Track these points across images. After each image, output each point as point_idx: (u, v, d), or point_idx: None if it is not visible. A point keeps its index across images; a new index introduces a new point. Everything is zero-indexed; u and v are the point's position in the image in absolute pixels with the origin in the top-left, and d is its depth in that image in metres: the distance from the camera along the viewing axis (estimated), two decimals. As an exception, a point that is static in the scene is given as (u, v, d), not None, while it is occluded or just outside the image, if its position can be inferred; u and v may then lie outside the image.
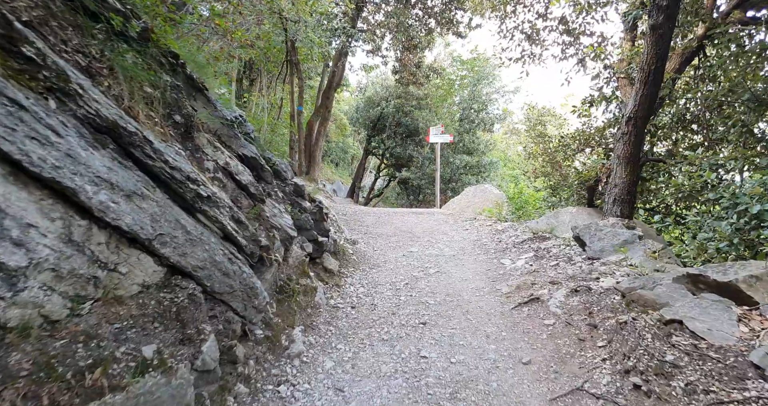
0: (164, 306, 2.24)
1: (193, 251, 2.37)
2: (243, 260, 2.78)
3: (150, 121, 2.55)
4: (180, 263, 2.31)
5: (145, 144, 2.20)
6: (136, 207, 2.07)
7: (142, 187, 2.14)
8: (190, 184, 2.41)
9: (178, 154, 2.52)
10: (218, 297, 2.55)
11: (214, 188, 2.72)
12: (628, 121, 4.88)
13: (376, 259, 5.60)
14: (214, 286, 2.49)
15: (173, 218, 2.29)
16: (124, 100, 2.33)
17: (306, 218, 4.25)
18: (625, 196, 4.94)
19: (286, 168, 4.26)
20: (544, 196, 8.78)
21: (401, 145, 17.52)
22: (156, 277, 2.27)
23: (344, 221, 7.84)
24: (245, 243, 2.84)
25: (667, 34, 4.59)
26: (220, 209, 2.67)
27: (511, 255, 5.48)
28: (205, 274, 2.43)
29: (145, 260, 2.20)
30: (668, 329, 2.38)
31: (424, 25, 12.33)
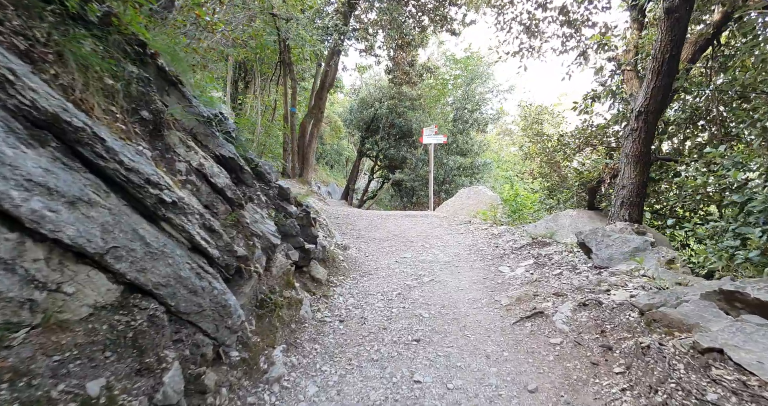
0: (118, 331, 1.92)
1: (154, 266, 2.06)
2: (215, 274, 2.46)
3: (109, 116, 2.24)
4: (138, 279, 1.99)
5: (95, 142, 1.88)
6: (82, 216, 1.76)
7: (90, 192, 1.82)
8: (150, 188, 2.09)
9: (139, 153, 2.21)
10: (185, 318, 2.23)
11: (181, 193, 2.41)
12: (638, 116, 4.62)
13: (368, 265, 5.30)
14: (179, 305, 2.17)
15: (130, 228, 1.98)
16: (75, 91, 2.01)
17: (292, 223, 3.94)
18: (635, 198, 4.68)
19: (270, 170, 3.95)
20: (541, 198, 8.54)
21: (395, 147, 17.26)
22: (110, 296, 1.95)
23: (336, 225, 7.53)
24: (218, 255, 2.53)
25: (684, 18, 4.32)
26: (188, 216, 2.36)
27: (509, 262, 5.20)
28: (168, 292, 2.12)
29: (97, 277, 1.89)
30: (706, 359, 2.09)
31: (417, 22, 12.07)
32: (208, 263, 2.48)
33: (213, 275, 2.45)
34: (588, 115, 6.67)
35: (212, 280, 2.41)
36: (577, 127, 7.18)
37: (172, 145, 2.79)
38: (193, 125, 3.16)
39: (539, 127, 7.94)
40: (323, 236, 5.70)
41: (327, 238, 5.79)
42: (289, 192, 4.02)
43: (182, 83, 3.22)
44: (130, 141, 2.30)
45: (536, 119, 8.07)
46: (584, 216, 6.50)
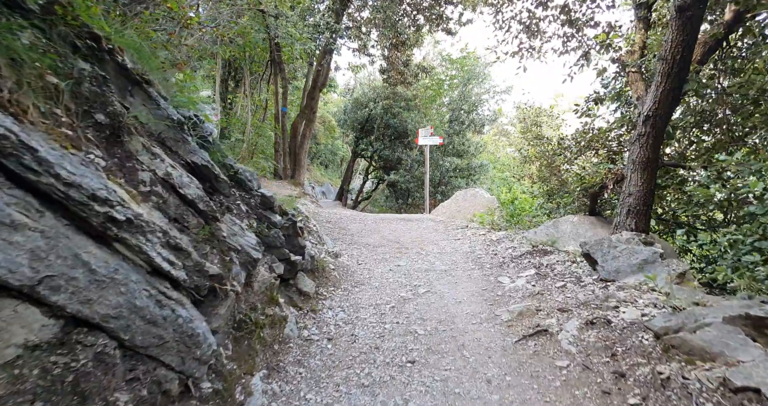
0: (53, 375, 1.62)
1: (102, 296, 1.76)
2: (180, 299, 2.17)
3: (50, 120, 1.93)
4: (82, 312, 1.70)
5: (23, 152, 1.58)
6: (2, 241, 1.46)
7: (14, 212, 1.52)
8: (96, 205, 1.79)
9: (86, 164, 1.91)
10: (143, 352, 1.94)
11: (139, 209, 2.11)
12: (646, 121, 4.35)
13: (360, 275, 5.02)
14: (134, 339, 1.87)
15: (70, 253, 1.68)
16: (2, 90, 1.71)
17: (276, 234, 3.65)
18: (641, 207, 4.42)
19: (252, 177, 3.65)
20: (540, 203, 8.28)
21: (390, 148, 16.98)
22: (46, 333, 1.65)
23: (328, 230, 7.24)
24: (184, 277, 2.23)
25: (697, 17, 4.06)
26: (147, 235, 2.06)
27: (509, 271, 4.93)
28: (121, 324, 1.82)
29: (28, 312, 1.59)
30: (740, 400, 1.83)
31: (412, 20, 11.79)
32: (172, 287, 2.18)
33: (177, 300, 2.15)
34: (590, 118, 6.42)
35: (176, 307, 2.11)
36: (578, 130, 6.92)
37: (134, 153, 2.49)
38: (161, 130, 2.86)
39: (538, 129, 7.68)
40: (313, 243, 5.42)
41: (317, 245, 5.50)
42: (272, 200, 3.72)
43: (149, 83, 2.91)
44: (78, 149, 2.00)
45: (535, 122, 7.81)
46: (585, 222, 6.24)
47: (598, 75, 6.46)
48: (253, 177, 3.67)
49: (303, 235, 4.18)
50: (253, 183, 3.63)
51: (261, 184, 3.76)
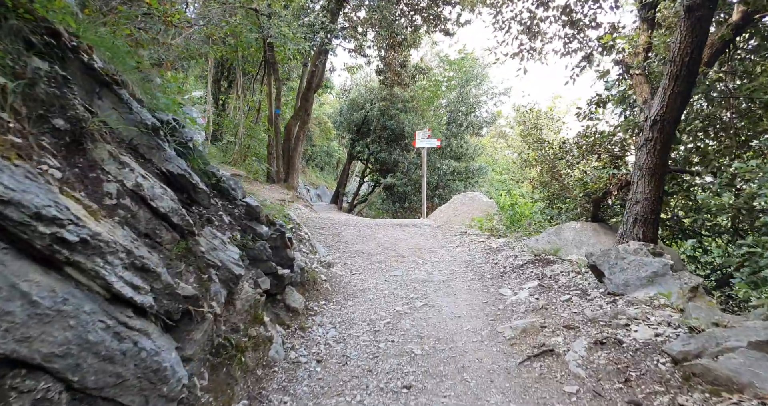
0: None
1: (45, 332, 1.51)
2: (144, 329, 1.91)
3: (-7, 126, 1.69)
4: (19, 352, 1.45)
5: (-56, 166, 1.33)
6: None
7: (-70, 239, 1.27)
8: (41, 225, 1.55)
9: (32, 177, 1.66)
10: (96, 394, 1.68)
11: (98, 227, 1.86)
12: (653, 125, 4.14)
13: (354, 286, 4.77)
14: (86, 379, 1.62)
15: (5, 283, 1.43)
16: (-73, 93, 1.46)
17: (261, 247, 3.40)
18: (649, 215, 4.20)
19: (235, 185, 3.41)
20: (540, 207, 8.06)
21: (386, 150, 16.74)
22: (-27, 379, 1.40)
23: (321, 237, 7.00)
24: (150, 303, 1.98)
25: (706, 17, 3.86)
26: (106, 257, 1.81)
27: (510, 283, 4.69)
28: (68, 364, 1.57)
29: (-52, 355, 1.34)
30: None
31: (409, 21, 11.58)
32: (136, 315, 1.93)
33: (142, 330, 1.90)
34: (592, 122, 6.21)
35: (140, 338, 1.86)
36: (579, 134, 6.71)
37: (98, 162, 2.24)
38: (133, 136, 2.61)
39: (538, 132, 7.47)
40: (304, 253, 5.18)
41: (309, 254, 5.26)
42: (258, 210, 3.47)
43: (120, 84, 2.67)
44: (26, 159, 1.75)
45: (535, 124, 7.59)
46: (588, 229, 6.02)
47: (599, 77, 6.26)
48: (237, 185, 3.42)
49: (292, 246, 3.93)
50: (237, 192, 3.39)
51: (246, 193, 3.51)
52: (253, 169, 12.84)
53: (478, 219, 9.43)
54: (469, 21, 11.38)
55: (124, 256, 1.95)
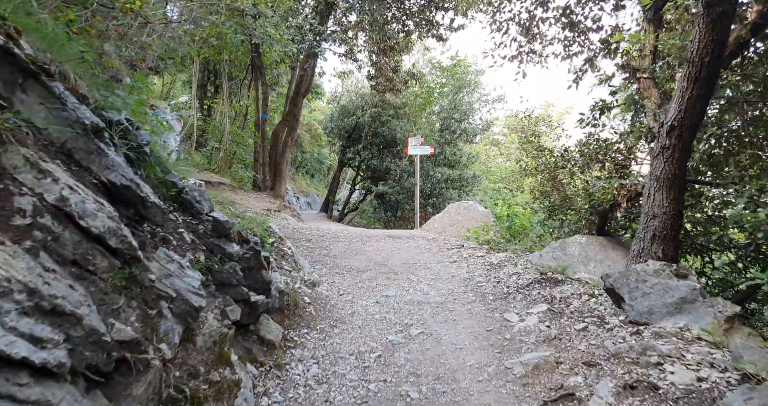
0: None
1: None
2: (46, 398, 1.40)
3: None
4: None
5: None
6: None
7: None
8: None
9: None
10: None
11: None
12: (671, 132, 3.74)
13: (341, 309, 4.27)
14: None
15: None
16: None
17: (231, 269, 2.89)
18: (669, 231, 3.78)
19: (201, 197, 2.91)
20: (540, 219, 7.64)
21: (378, 157, 16.29)
22: None
23: (307, 251, 6.49)
24: (58, 360, 1.47)
25: (728, 13, 3.49)
26: (-14, 303, 1.30)
27: (516, 306, 4.22)
28: None
29: None
30: None
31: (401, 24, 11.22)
32: (36, 379, 1.42)
33: (42, 402, 1.38)
34: (595, 129, 5.83)
35: (37, 414, 1.35)
36: (581, 142, 6.32)
37: (8, 170, 1.74)
38: (67, 138, 2.11)
39: (537, 140, 7.08)
40: (287, 270, 4.67)
41: (292, 272, 4.74)
42: (228, 226, 2.97)
43: (53, 75, 2.17)
44: None
45: (533, 132, 7.20)
46: (595, 243, 5.60)
47: (603, 81, 5.88)
48: (203, 197, 2.92)
49: (269, 266, 3.43)
50: (202, 205, 2.88)
51: (214, 205, 3.01)
52: (239, 177, 12.30)
53: (474, 230, 9.00)
54: (463, 26, 11.05)
55: (23, 297, 1.44)
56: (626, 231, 6.18)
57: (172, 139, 5.12)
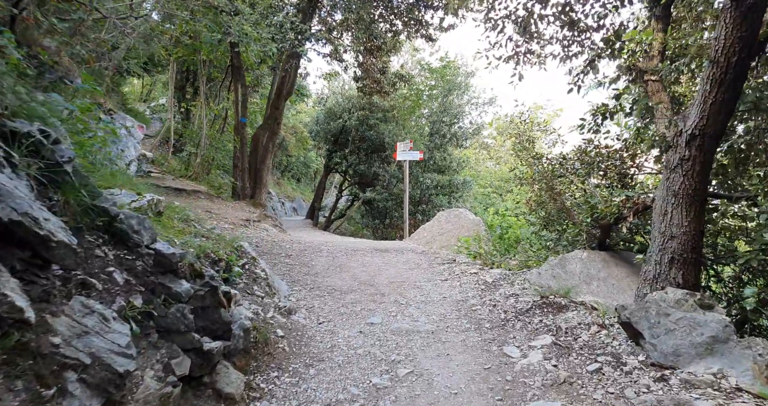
0: None
1: None
2: None
3: None
4: None
5: None
6: None
7: None
8: None
9: None
10: None
11: None
12: (691, 141, 3.31)
13: (319, 343, 3.76)
14: None
15: None
16: None
17: (178, 312, 2.37)
18: (689, 254, 3.35)
19: (141, 225, 2.37)
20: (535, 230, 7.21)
21: (366, 162, 15.79)
22: None
23: (286, 267, 5.95)
24: None
25: (759, 6, 3.10)
26: None
27: (516, 336, 3.76)
28: None
29: None
30: None
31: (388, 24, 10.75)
32: None
33: None
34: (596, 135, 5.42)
35: None
36: (580, 148, 5.91)
37: None
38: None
39: (532, 146, 6.66)
40: (258, 297, 4.14)
41: (265, 298, 4.22)
42: (174, 259, 2.43)
43: None
44: None
45: (529, 138, 6.77)
46: (597, 259, 5.18)
47: (600, 84, 5.47)
48: (143, 225, 2.38)
49: (233, 301, 2.91)
50: (142, 235, 2.35)
51: (156, 235, 2.47)
52: (217, 184, 11.69)
53: (465, 239, 8.55)
54: (453, 25, 10.65)
55: None
56: (628, 244, 5.78)
57: (132, 147, 4.57)
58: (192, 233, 4.15)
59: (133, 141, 4.86)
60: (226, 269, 3.77)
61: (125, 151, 4.57)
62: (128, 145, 4.69)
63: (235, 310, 3.07)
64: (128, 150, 4.66)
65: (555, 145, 6.94)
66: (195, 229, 4.42)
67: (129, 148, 4.69)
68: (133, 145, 4.71)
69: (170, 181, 10.93)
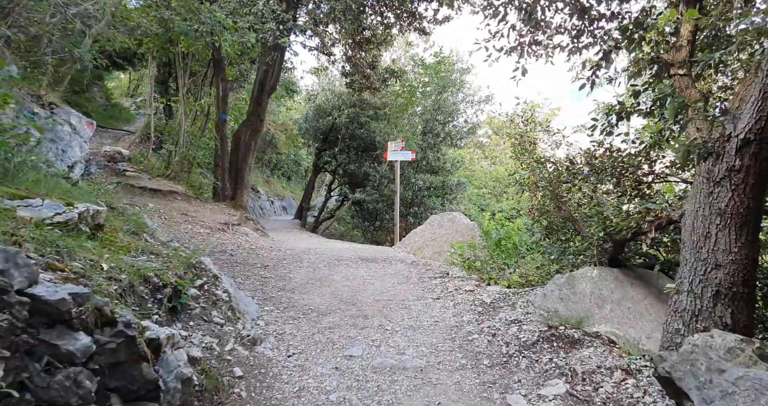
0: None
1: None
2: None
3: None
4: None
5: None
6: None
7: None
8: None
9: None
10: None
11: None
12: (743, 148, 2.69)
13: (285, 384, 3.11)
14: None
15: None
16: None
17: (68, 380, 1.71)
18: (740, 288, 2.72)
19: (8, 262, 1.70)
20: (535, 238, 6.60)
21: (356, 161, 15.12)
22: None
23: (259, 282, 5.31)
24: None
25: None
26: None
27: (521, 378, 3.14)
28: None
29: None
30: None
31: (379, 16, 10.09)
32: None
33: None
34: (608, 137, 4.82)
35: None
36: (590, 152, 5.31)
37: None
38: None
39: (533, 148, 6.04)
40: (216, 325, 3.49)
41: (225, 326, 3.57)
42: (64, 306, 1.77)
43: None
44: None
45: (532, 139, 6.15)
46: (609, 278, 4.59)
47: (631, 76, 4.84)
48: (12, 262, 1.72)
49: (158, 356, 2.25)
50: (10, 276, 1.68)
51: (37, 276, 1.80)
52: (198, 184, 10.97)
53: (459, 246, 7.97)
54: (449, 17, 10.01)
55: None
56: (644, 258, 5.19)
57: (78, 147, 3.89)
58: (139, 249, 3.49)
59: (79, 140, 4.17)
60: (173, 296, 3.12)
61: (68, 152, 3.90)
62: (72, 144, 4.01)
63: (172, 355, 2.41)
64: (72, 150, 3.98)
65: (559, 147, 6.33)
66: (145, 243, 3.75)
67: (73, 147, 4.01)
68: (78, 144, 4.03)
69: (146, 181, 10.20)
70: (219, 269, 5.24)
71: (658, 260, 5.18)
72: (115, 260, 2.80)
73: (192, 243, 6.51)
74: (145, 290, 2.78)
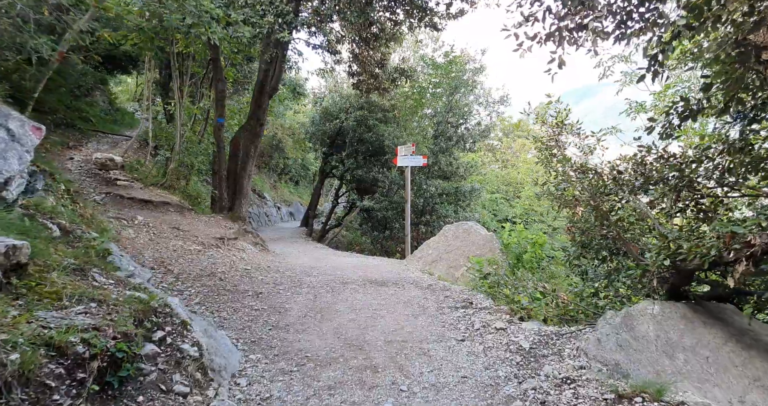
0: None
1: None
2: None
3: None
4: None
5: None
6: None
7: None
8: None
9: None
10: None
11: None
12: None
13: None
14: None
15: None
16: None
17: None
18: None
19: None
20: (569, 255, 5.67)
21: (364, 166, 14.29)
22: None
23: (248, 318, 4.51)
24: None
25: None
26: None
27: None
28: None
29: None
30: None
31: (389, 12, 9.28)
32: None
33: None
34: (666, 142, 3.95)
35: None
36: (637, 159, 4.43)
37: None
38: None
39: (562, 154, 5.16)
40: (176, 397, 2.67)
41: (191, 395, 2.75)
42: None
43: None
44: None
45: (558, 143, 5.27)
46: (675, 316, 3.70)
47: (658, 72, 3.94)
48: None
49: None
50: None
51: None
52: (194, 194, 10.24)
53: (478, 260, 7.12)
54: (463, 11, 9.17)
55: None
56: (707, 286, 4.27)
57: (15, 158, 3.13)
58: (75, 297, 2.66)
59: (19, 149, 3.40)
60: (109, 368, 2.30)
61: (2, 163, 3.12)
62: (6, 154, 3.24)
63: None
64: (5, 162, 3.21)
65: (592, 152, 5.44)
66: (89, 286, 2.94)
67: (8, 159, 3.24)
68: (17, 154, 3.27)
69: (137, 191, 9.50)
70: (199, 303, 4.45)
71: (725, 287, 4.25)
72: (18, 323, 2.00)
73: (177, 265, 5.74)
74: (58, 369, 1.97)
